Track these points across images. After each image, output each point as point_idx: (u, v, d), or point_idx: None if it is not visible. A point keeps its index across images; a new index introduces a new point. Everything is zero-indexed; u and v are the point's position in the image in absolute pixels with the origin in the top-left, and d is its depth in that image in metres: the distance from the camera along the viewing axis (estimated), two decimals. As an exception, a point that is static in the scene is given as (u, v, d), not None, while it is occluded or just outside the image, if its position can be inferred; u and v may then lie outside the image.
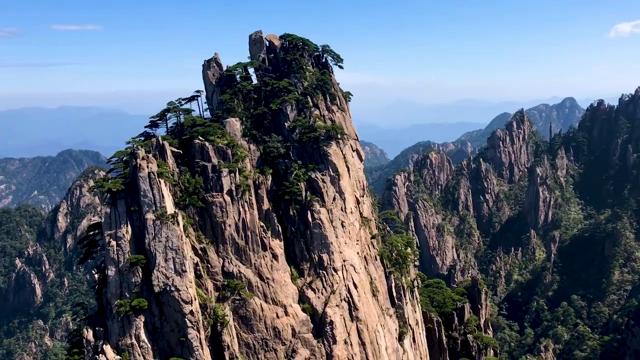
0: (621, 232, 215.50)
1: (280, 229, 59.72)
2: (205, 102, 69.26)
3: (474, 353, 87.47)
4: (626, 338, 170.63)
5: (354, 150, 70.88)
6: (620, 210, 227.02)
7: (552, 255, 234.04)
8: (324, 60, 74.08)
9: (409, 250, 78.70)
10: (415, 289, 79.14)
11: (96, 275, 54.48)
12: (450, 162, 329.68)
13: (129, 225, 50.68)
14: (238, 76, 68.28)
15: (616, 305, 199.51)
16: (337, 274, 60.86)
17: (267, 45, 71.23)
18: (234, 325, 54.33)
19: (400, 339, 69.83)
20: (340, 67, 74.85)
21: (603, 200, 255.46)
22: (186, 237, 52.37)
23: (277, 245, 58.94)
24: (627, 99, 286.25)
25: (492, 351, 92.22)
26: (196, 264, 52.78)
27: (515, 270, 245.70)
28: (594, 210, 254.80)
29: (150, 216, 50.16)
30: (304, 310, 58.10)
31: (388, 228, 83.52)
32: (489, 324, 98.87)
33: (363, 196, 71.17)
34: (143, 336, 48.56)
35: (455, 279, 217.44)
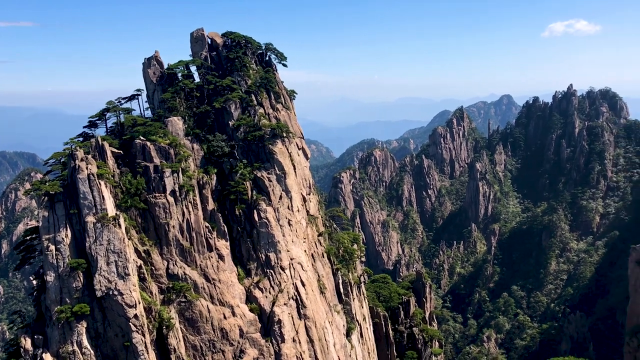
0: (557, 224, 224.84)
1: (226, 229, 59.10)
2: (146, 101, 67.61)
3: (419, 346, 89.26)
4: (563, 325, 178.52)
5: (299, 149, 70.89)
6: (556, 203, 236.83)
7: (493, 248, 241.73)
8: (267, 58, 73.71)
9: (355, 246, 79.39)
10: (362, 284, 79.96)
11: (34, 282, 52.39)
12: (394, 159, 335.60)
13: (68, 229, 48.93)
14: (180, 74, 67.01)
15: (553, 294, 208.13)
16: (284, 272, 60.78)
17: (209, 43, 70.20)
18: (180, 328, 53.42)
19: (348, 334, 70.43)
20: (284, 65, 74.67)
21: (539, 194, 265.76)
22: (128, 239, 51.05)
23: (223, 246, 58.31)
24: (560, 95, 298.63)
25: (437, 343, 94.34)
26: (140, 267, 51.56)
27: (457, 263, 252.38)
28: (531, 204, 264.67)
29: (90, 219, 48.62)
30: (251, 310, 57.74)
31: (335, 225, 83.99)
32: (434, 317, 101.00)
33: (309, 194, 71.32)
34: (85, 342, 47.04)
35: (401, 274, 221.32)
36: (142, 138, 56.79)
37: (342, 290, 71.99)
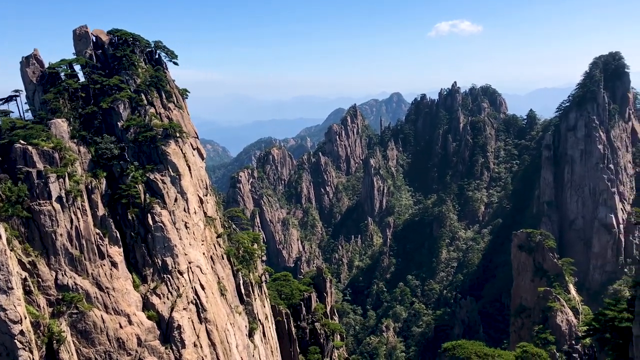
0: (446, 215, 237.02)
1: (118, 235, 56.62)
2: (25, 103, 63.15)
3: (322, 340, 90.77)
4: (455, 310, 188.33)
5: (194, 149, 69.40)
6: (444, 195, 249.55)
7: (388, 240, 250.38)
8: (157, 56, 71.41)
9: (255, 246, 79.13)
10: (264, 284, 79.90)
11: None
12: (292, 157, 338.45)
13: (-62, 243, 44.70)
14: (63, 74, 63.19)
15: (445, 282, 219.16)
16: (182, 276, 59.32)
17: (94, 41, 66.75)
18: (73, 341, 50.54)
19: (251, 335, 70.12)
20: (175, 63, 72.72)
21: (429, 186, 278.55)
22: (11, 250, 47.46)
23: (116, 253, 55.86)
24: (445, 93, 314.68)
25: (338, 336, 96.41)
26: (25, 280, 48.11)
27: (356, 256, 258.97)
28: (422, 196, 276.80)
29: (-36, 231, 44.74)
30: (149, 317, 55.82)
31: (234, 226, 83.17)
32: (335, 311, 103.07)
33: (206, 195, 70.08)
34: (-37, 366, 43.34)
35: (302, 270, 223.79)
36: (22, 142, 52.95)
37: (243, 290, 71.50)
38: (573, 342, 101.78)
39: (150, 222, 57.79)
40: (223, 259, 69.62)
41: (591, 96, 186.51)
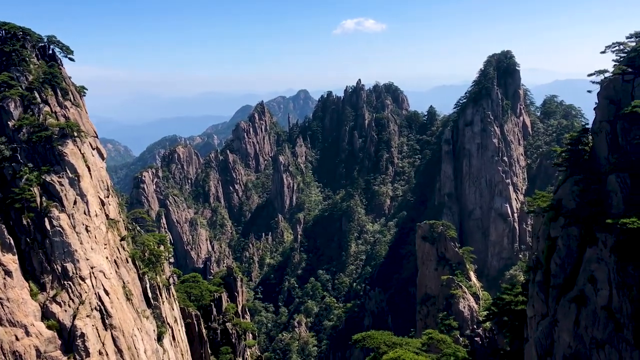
0: (354, 209, 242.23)
1: (12, 242, 53.02)
2: None
3: (234, 340, 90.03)
4: (364, 302, 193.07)
5: (93, 149, 66.32)
6: (352, 190, 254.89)
7: (299, 236, 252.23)
8: (50, 52, 67.50)
9: (162, 248, 76.94)
10: (172, 286, 77.92)
11: None
12: (199, 155, 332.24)
13: None
14: (-58, 69, 58.29)
15: (355, 274, 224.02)
16: (85, 282, 56.62)
17: (-21, 34, 62.14)
18: (-38, 359, 46.95)
19: (160, 339, 68.20)
20: (71, 59, 69.02)
21: (338, 182, 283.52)
22: None
23: (10, 260, 52.32)
24: (350, 90, 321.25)
25: (250, 335, 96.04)
26: None
27: (267, 254, 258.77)
28: (331, 192, 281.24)
29: None
30: (49, 327, 52.80)
31: (138, 228, 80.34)
32: (247, 310, 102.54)
33: (108, 197, 67.23)
34: None
35: (212, 271, 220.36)
36: None
37: (150, 294, 69.34)
38: (475, 326, 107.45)
39: (48, 226, 54.64)
40: (128, 262, 67.17)
41: (486, 93, 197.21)
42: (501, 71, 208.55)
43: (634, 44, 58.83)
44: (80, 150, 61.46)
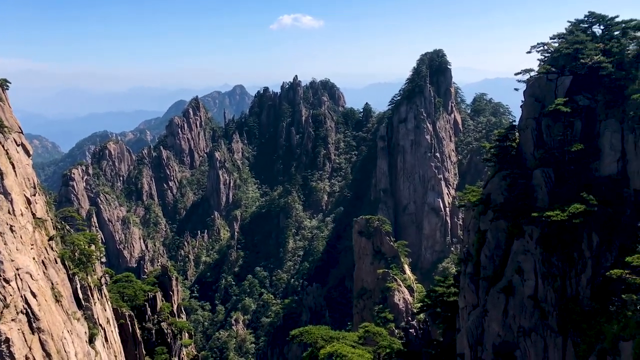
0: (292, 205, 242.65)
1: None
2: None
3: (169, 340, 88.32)
4: (302, 298, 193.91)
5: (18, 145, 63.20)
6: (290, 186, 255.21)
7: (236, 233, 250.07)
8: (-30, 42, 63.90)
9: (92, 247, 74.35)
10: (104, 286, 75.53)
11: None
12: (131, 151, 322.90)
13: None
14: None
15: (292, 270, 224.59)
16: (9, 285, 53.96)
17: None
18: None
19: (91, 341, 66.02)
20: (-7, 51, 65.66)
21: (275, 178, 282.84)
22: None
23: None
24: (287, 86, 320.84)
25: (187, 334, 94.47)
26: None
27: (203, 252, 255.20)
28: (269, 188, 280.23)
29: None
30: (-30, 333, 50.13)
31: (68, 227, 77.31)
32: (182, 308, 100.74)
33: (35, 195, 64.33)
34: None
35: (145, 270, 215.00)
36: None
37: (81, 295, 66.96)
38: (409, 318, 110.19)
39: (-32, 227, 51.78)
40: (57, 263, 64.58)
41: (419, 90, 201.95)
42: (433, 69, 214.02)
43: (557, 44, 61.89)
44: (3, 146, 58.45)
